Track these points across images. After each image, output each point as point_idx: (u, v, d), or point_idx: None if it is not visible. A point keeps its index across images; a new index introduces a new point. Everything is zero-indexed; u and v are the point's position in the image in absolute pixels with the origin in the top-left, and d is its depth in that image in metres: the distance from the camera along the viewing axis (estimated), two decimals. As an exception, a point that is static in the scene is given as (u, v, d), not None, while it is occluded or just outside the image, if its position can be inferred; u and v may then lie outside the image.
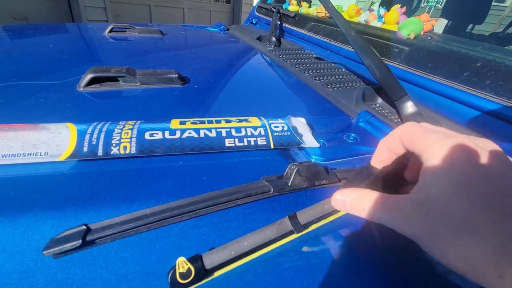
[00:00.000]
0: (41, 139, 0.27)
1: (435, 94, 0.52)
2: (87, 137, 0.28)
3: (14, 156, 0.25)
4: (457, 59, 0.51)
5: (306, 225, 0.23)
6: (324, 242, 0.23)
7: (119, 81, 0.44)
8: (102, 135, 0.28)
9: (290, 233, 0.23)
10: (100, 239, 0.21)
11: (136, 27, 0.83)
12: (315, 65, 0.69)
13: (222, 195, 0.24)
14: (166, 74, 0.46)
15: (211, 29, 1.15)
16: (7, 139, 0.26)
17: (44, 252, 0.19)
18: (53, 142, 0.27)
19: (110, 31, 0.79)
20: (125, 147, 0.28)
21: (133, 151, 0.28)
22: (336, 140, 0.37)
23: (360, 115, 0.42)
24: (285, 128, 0.34)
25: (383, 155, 0.24)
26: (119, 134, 0.29)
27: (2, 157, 0.25)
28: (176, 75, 0.47)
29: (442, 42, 0.60)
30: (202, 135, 0.30)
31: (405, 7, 0.80)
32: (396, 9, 0.78)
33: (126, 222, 0.21)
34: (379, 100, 0.56)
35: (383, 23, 0.80)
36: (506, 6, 1.80)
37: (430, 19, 0.73)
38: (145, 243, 0.21)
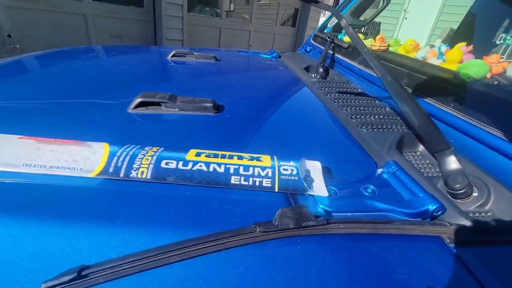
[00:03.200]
0: (82, 155, 0.33)
1: (492, 150, 0.45)
2: (115, 159, 0.32)
3: (59, 169, 0.31)
4: (525, 112, 0.44)
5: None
6: None
7: (161, 106, 0.50)
8: (127, 159, 0.32)
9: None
10: None
11: (195, 53, 0.93)
12: (356, 101, 0.67)
13: (202, 239, 0.25)
14: (202, 102, 0.51)
15: (264, 55, 1.20)
16: (58, 153, 0.32)
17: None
18: (88, 160, 0.32)
19: (173, 55, 0.90)
20: (142, 172, 0.31)
21: (148, 176, 0.31)
22: (351, 190, 0.35)
23: (386, 165, 0.39)
24: (294, 172, 0.34)
25: None
26: (140, 160, 0.33)
27: (51, 168, 0.31)
28: (211, 104, 0.51)
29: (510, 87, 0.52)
30: (211, 169, 0.33)
31: (471, 45, 0.72)
32: (461, 47, 0.71)
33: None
34: (420, 147, 0.51)
35: (444, 61, 0.73)
36: None
37: (502, 60, 0.64)
38: None
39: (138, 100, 0.49)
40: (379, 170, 0.39)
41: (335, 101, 0.66)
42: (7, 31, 2.55)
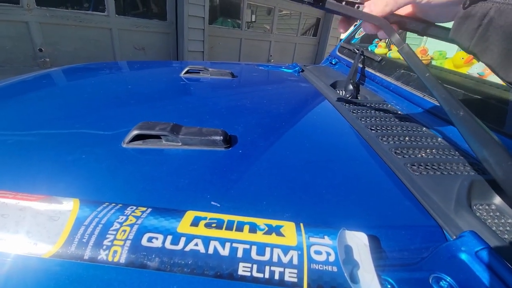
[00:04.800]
0: (41, 222, 0.24)
1: None
2: (82, 230, 0.24)
3: (6, 243, 0.23)
4: None
5: None
6: None
7: (161, 139, 0.41)
8: (97, 230, 0.24)
9: None
10: None
11: (210, 69, 0.85)
12: (398, 128, 0.55)
13: None
14: (211, 135, 0.42)
15: (286, 70, 1.11)
16: (9, 219, 0.24)
17: None
18: (46, 231, 0.23)
19: (186, 72, 0.83)
20: (115, 253, 0.22)
21: (122, 260, 0.22)
22: (417, 283, 0.24)
23: (463, 238, 0.27)
24: (331, 257, 0.23)
25: None
26: (115, 232, 0.24)
27: (-4, 240, 0.23)
28: (221, 137, 0.41)
29: None
30: (210, 251, 0.23)
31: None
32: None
33: None
34: (497, 199, 0.38)
35: (508, 78, 0.60)
36: None
37: None
38: None
39: (134, 132, 0.41)
40: (452, 246, 0.27)
41: (372, 128, 0.54)
42: (38, 46, 2.68)
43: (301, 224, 0.26)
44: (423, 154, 0.46)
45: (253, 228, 0.25)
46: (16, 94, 0.59)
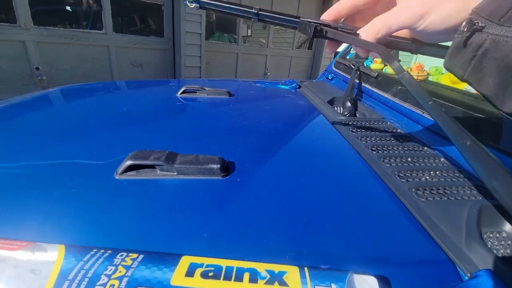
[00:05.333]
0: (20, 275, 0.22)
1: None
2: (65, 286, 0.21)
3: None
4: None
5: None
6: None
7: (156, 169, 0.40)
8: (83, 286, 0.21)
9: None
10: None
11: (206, 88, 0.85)
12: (399, 149, 0.54)
13: None
14: (208, 163, 0.40)
15: (283, 86, 1.11)
16: (-14, 273, 0.22)
17: None
18: (27, 287, 0.21)
19: (183, 92, 0.83)
20: (101, 313, 0.20)
21: (109, 322, 0.20)
22: (433, 335, 0.22)
23: (479, 279, 0.26)
24: (340, 311, 0.21)
25: None
26: (103, 287, 0.21)
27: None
28: (218, 165, 0.40)
29: None
30: (206, 307, 0.21)
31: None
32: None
33: None
34: (507, 226, 0.36)
35: (507, 95, 0.59)
36: None
37: None
38: None
39: (127, 163, 0.39)
40: (468, 284, 0.25)
41: (373, 149, 0.53)
42: (35, 64, 2.69)
43: (306, 269, 0.24)
44: (427, 177, 0.44)
45: (254, 277, 0.23)
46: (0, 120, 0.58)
